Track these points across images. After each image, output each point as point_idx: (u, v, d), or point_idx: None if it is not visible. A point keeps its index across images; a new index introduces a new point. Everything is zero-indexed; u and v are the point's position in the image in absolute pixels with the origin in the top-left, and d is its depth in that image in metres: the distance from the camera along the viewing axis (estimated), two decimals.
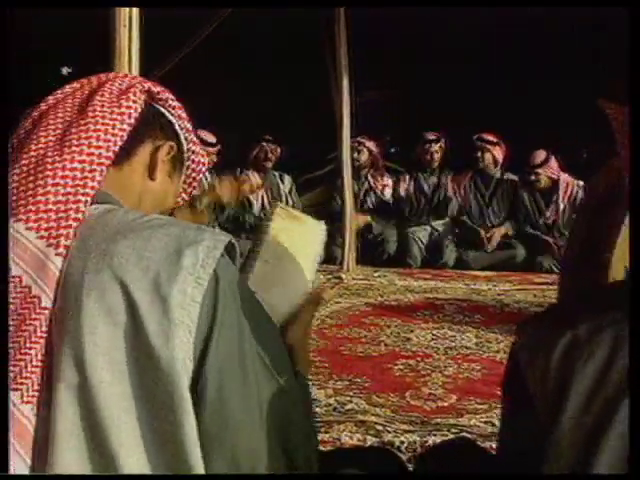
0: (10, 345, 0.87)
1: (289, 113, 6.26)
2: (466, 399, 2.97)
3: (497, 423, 2.47)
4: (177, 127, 1.16)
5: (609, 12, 4.14)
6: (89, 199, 0.96)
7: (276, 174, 6.50)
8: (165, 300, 0.87)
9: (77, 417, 0.86)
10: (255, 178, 6.10)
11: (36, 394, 0.88)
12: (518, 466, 0.92)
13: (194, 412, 0.88)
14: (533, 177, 6.16)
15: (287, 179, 6.55)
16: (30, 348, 0.87)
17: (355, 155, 6.38)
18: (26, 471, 0.86)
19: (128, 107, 1.05)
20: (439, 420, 2.75)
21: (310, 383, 1.15)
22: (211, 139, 5.87)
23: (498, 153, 6.35)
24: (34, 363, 0.87)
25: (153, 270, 0.88)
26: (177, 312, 0.87)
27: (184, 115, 1.19)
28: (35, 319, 0.88)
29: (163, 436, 0.87)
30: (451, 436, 2.52)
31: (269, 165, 6.38)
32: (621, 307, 0.85)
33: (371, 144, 6.58)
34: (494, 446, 1.86)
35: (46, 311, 0.88)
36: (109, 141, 1.01)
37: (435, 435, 2.58)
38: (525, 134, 6.05)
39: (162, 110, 1.14)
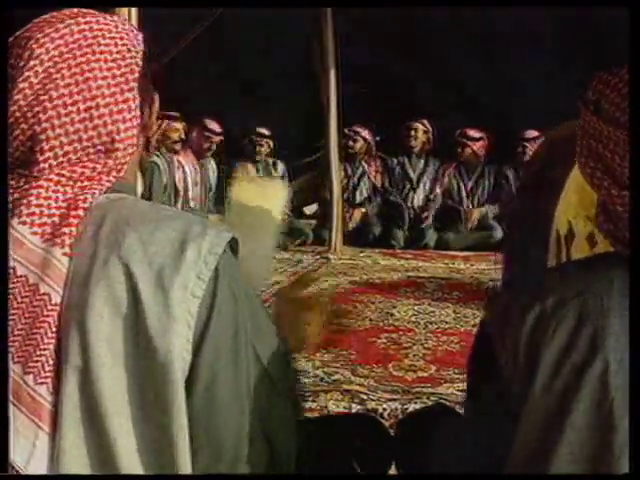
0: (26, 343, 0.84)
1: (279, 101, 6.19)
2: (444, 369, 2.97)
3: None
4: (144, 63, 0.97)
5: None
6: (89, 204, 0.89)
7: (270, 161, 6.45)
8: (167, 293, 0.84)
9: (80, 400, 0.84)
10: (249, 168, 6.09)
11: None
12: (488, 430, 0.92)
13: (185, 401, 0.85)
14: (520, 149, 6.10)
15: (280, 166, 6.51)
16: (48, 344, 0.84)
17: (350, 143, 6.37)
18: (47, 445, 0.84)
19: (133, 119, 0.93)
20: (419, 389, 2.75)
21: (293, 361, 1.11)
22: (217, 128, 5.84)
23: (479, 148, 6.28)
24: (53, 357, 0.84)
25: (157, 263, 0.85)
26: (177, 306, 0.84)
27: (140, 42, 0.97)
28: (48, 316, 0.84)
29: (156, 425, 0.85)
30: (430, 403, 2.51)
31: (259, 158, 6.35)
32: (584, 279, 0.85)
33: (366, 133, 6.51)
34: None
35: (57, 307, 0.85)
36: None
37: (415, 403, 2.58)
38: (508, 126, 6.00)
39: (135, 68, 0.95)
